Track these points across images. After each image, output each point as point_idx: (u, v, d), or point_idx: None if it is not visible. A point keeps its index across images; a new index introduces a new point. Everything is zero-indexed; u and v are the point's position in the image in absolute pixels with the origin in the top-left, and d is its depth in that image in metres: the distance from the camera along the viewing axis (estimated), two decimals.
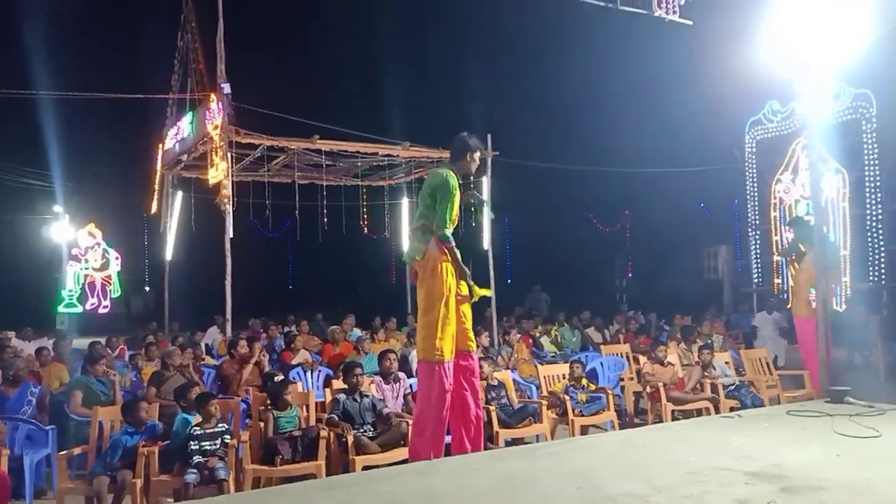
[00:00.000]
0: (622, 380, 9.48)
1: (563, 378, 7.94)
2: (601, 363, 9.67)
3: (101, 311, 22.85)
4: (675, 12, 7.13)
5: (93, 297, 22.80)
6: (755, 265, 16.53)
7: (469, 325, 5.31)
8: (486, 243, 13.96)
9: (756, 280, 16.43)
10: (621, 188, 21.87)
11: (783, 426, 5.58)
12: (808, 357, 9.55)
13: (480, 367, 7.20)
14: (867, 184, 14.06)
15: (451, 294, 5.10)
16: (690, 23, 7.32)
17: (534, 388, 8.52)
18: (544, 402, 7.31)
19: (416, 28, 24.94)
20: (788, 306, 11.84)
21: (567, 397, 7.46)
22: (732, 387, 8.17)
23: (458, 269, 5.18)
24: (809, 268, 9.93)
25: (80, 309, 22.51)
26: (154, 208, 15.73)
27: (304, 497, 4.10)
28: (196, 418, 5.91)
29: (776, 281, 15.04)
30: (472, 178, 5.55)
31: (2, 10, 21.05)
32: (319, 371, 8.78)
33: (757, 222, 16.43)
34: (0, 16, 21.23)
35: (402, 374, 7.34)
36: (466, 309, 5.27)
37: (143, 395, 7.18)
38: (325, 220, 14.14)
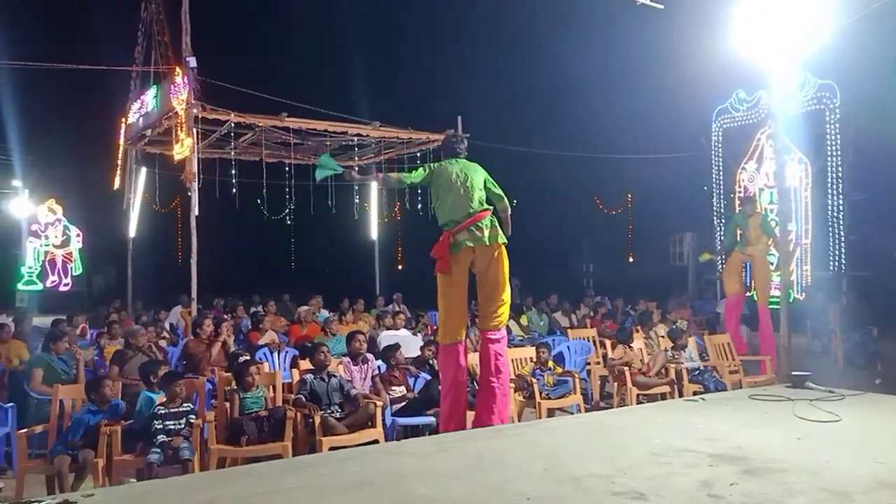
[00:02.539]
0: (588, 364, 9.57)
1: (531, 361, 7.98)
2: (568, 347, 9.74)
3: (61, 288, 22.40)
4: None
5: (53, 274, 22.33)
6: (720, 256, 16.81)
7: None
8: None
9: (719, 267, 16.70)
10: (590, 173, 21.99)
11: (745, 410, 5.70)
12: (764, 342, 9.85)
13: None
14: (829, 173, 14.36)
15: None
16: (661, 7, 7.33)
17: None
18: (512, 385, 7.33)
19: (387, 7, 24.71)
20: (749, 293, 12.08)
21: (534, 380, 7.51)
22: (697, 372, 8.30)
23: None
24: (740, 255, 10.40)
25: (40, 286, 22.05)
26: (117, 184, 15.43)
27: (270, 477, 4.07)
28: (160, 397, 5.83)
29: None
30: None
31: None
32: (286, 352, 8.71)
33: (721, 210, 16.69)
34: None
35: (370, 356, 7.32)
36: None
37: (106, 374, 7.06)
38: (293, 199, 14.01)
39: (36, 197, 23.30)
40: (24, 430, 5.76)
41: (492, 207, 5.92)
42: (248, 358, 7.31)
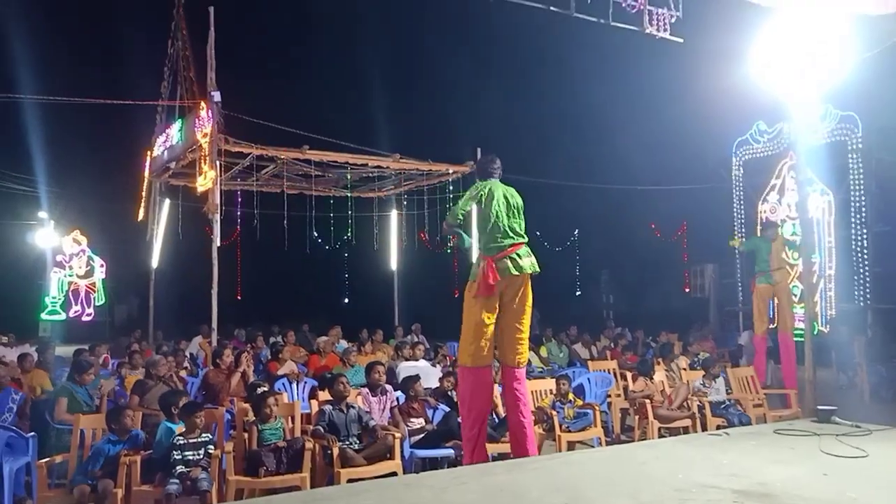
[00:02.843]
0: (609, 396, 9.46)
1: (551, 393, 7.91)
2: (588, 379, 9.64)
3: (84, 318, 22.59)
4: (665, 30, 7.16)
5: (76, 304, 22.54)
6: (740, 284, 16.65)
7: None
8: (475, 257, 13.96)
9: (741, 299, 16.53)
10: (607, 205, 21.97)
11: (770, 445, 5.59)
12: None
13: None
14: (852, 205, 14.22)
15: None
16: (681, 41, 7.35)
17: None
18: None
19: (406, 40, 25.05)
20: (773, 325, 11.92)
21: (554, 412, 7.43)
22: (723, 406, 8.17)
23: None
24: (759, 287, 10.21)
25: (63, 316, 22.26)
26: (141, 215, 15.64)
27: None
28: (179, 427, 5.84)
29: None
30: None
31: None
32: (305, 382, 8.70)
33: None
34: None
35: (388, 387, 7.30)
36: None
37: (126, 403, 7.09)
38: (314, 231, 14.11)
39: (61, 228, 23.65)
40: (45, 460, 5.78)
41: (527, 238, 5.84)
42: (266, 389, 7.30)
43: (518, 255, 5.69)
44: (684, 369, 9.47)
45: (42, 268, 23.54)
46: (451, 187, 14.45)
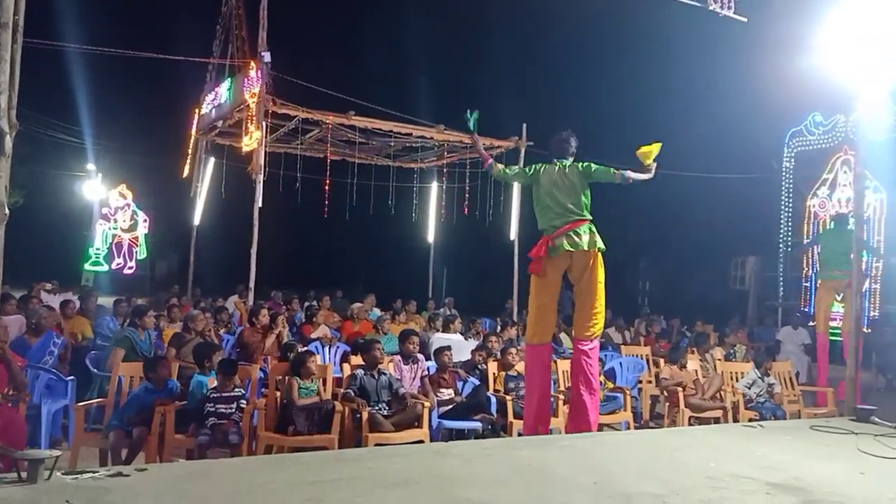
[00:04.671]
0: (640, 382, 9.37)
1: None
2: (620, 363, 9.55)
3: (125, 271, 23.10)
4: (730, 7, 6.92)
5: (119, 257, 23.05)
6: (781, 278, 16.32)
7: None
8: (513, 234, 13.90)
9: (781, 294, 16.21)
10: (649, 190, 21.57)
11: (806, 440, 5.47)
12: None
13: (507, 356, 7.38)
14: None
15: None
16: (745, 20, 7.11)
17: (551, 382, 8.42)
18: (560, 397, 7.23)
19: (457, 12, 24.79)
20: (811, 323, 11.66)
21: None
22: (762, 400, 8.01)
23: None
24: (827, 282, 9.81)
25: (105, 268, 22.78)
26: (186, 173, 15.81)
27: (318, 466, 4.08)
28: (211, 380, 5.93)
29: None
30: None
31: None
32: (338, 347, 8.77)
33: (788, 236, 16.19)
34: None
35: (420, 356, 7.31)
36: None
37: (163, 355, 7.21)
38: (354, 197, 14.14)
39: (108, 181, 24.11)
40: (83, 404, 5.92)
41: (590, 216, 5.85)
42: (308, 349, 7.38)
43: (576, 232, 5.75)
44: (719, 360, 9.33)
45: (88, 219, 24.09)
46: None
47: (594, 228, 5.85)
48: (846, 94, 7.21)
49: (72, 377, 6.79)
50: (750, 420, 7.42)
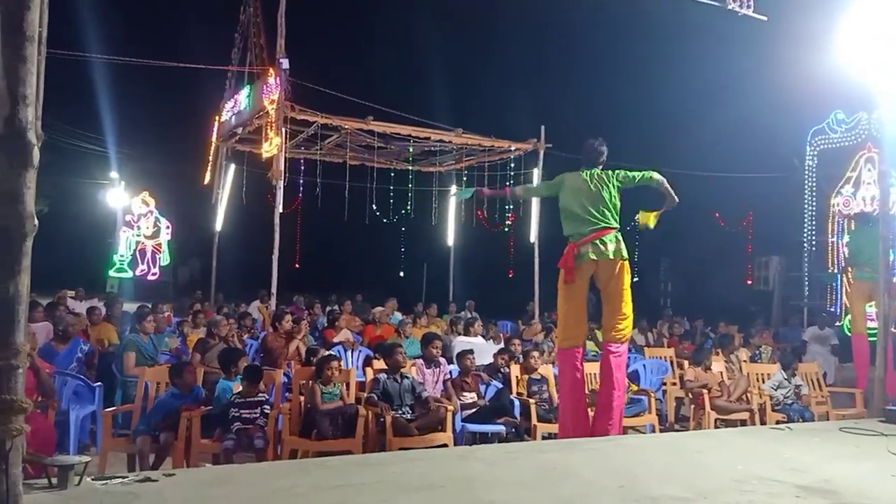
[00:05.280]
0: (664, 384, 9.29)
1: None
2: (644, 365, 9.49)
3: (149, 277, 23.35)
4: (749, 6, 6.87)
5: (142, 263, 23.31)
6: (806, 278, 16.11)
7: None
8: (534, 236, 13.87)
9: (807, 294, 16.01)
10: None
11: (835, 442, 5.40)
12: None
13: (530, 359, 7.43)
14: None
15: None
16: (765, 18, 7.05)
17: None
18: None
19: (474, 16, 24.81)
20: (838, 323, 11.50)
21: None
22: (790, 401, 7.90)
23: None
24: (860, 283, 9.60)
25: (129, 274, 23.05)
26: (207, 179, 15.96)
27: (343, 470, 4.09)
28: (236, 385, 5.97)
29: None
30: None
31: None
32: (360, 351, 8.80)
33: (812, 235, 15.99)
34: None
35: (442, 360, 7.31)
36: None
37: (189, 360, 7.28)
38: (374, 201, 14.19)
39: (131, 189, 24.40)
40: (110, 409, 5.98)
41: (617, 225, 5.92)
42: (331, 353, 7.40)
43: (602, 240, 5.81)
44: (744, 361, 9.23)
45: (112, 226, 24.38)
46: (512, 164, 14.32)
47: (619, 237, 5.89)
48: (868, 91, 7.14)
49: (99, 383, 6.87)
50: (777, 422, 7.34)
